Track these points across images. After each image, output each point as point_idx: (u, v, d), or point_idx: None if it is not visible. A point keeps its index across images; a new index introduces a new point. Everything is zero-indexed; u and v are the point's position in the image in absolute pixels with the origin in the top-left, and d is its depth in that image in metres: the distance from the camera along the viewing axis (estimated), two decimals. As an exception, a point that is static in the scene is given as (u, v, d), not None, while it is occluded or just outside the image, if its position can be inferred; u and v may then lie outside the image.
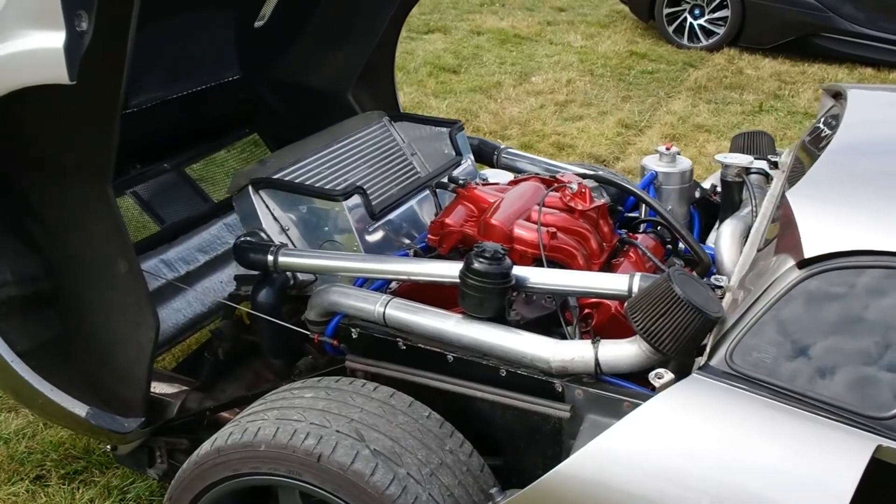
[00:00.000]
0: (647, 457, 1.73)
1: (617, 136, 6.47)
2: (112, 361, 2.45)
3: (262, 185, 2.60)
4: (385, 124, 3.21)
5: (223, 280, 3.26)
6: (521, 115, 6.83)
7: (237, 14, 3.26)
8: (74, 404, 2.27)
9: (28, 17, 1.78)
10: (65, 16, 1.78)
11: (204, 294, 3.14)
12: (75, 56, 1.82)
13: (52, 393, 2.24)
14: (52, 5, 1.76)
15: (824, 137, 2.40)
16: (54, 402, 2.24)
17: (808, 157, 2.46)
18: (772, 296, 1.79)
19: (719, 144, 6.29)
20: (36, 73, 1.84)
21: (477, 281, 2.12)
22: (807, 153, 2.51)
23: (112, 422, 2.32)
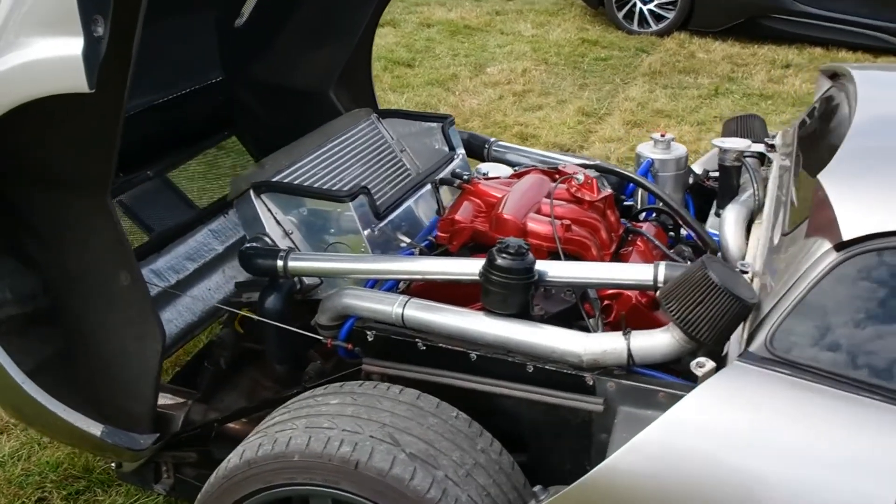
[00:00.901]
0: (698, 447, 1.72)
1: (578, 124, 6.50)
2: (117, 376, 2.37)
3: (263, 189, 2.54)
4: (373, 122, 3.16)
5: (211, 288, 3.18)
6: (480, 107, 6.81)
7: (217, 14, 3.18)
8: (90, 424, 2.19)
9: (42, 23, 1.70)
10: (82, 21, 1.71)
11: (194, 303, 3.07)
12: (94, 63, 1.75)
13: (65, 413, 2.16)
14: (68, 11, 1.68)
15: (833, 118, 2.42)
16: (68, 423, 2.16)
17: (818, 138, 2.48)
18: (809, 279, 1.79)
19: (680, 129, 6.36)
20: (52, 83, 1.77)
21: (501, 277, 2.09)
22: (815, 135, 2.53)
23: (128, 439, 2.24)
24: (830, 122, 2.46)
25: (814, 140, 2.49)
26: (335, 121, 3.12)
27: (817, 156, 2.34)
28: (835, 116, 2.48)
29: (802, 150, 2.53)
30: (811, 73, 7.71)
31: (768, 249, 2.18)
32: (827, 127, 2.46)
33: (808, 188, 2.18)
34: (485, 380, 2.16)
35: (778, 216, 2.29)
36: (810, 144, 2.49)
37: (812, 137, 2.53)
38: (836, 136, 2.20)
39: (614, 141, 6.12)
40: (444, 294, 2.32)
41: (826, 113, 2.62)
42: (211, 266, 3.18)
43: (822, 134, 2.46)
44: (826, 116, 2.58)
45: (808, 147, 2.49)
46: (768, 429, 1.71)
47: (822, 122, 2.56)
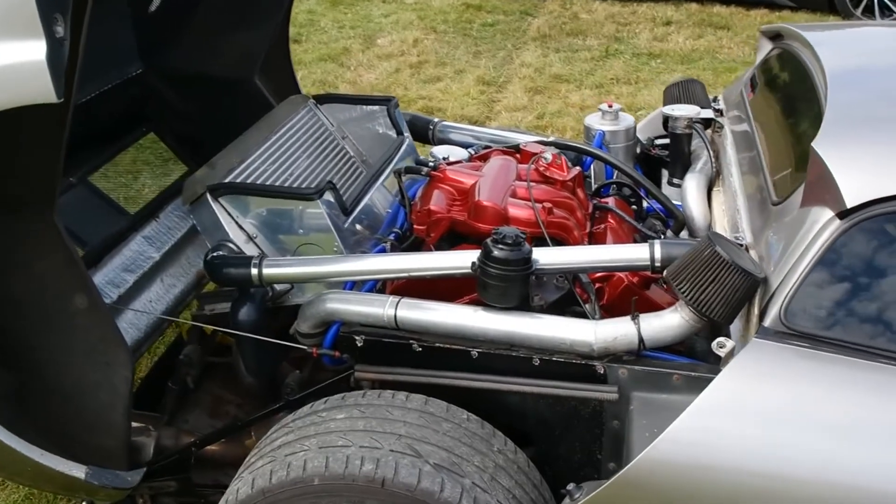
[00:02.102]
0: (736, 429, 1.72)
1: (480, 94, 6.46)
2: (85, 410, 2.19)
3: (221, 192, 2.37)
4: (311, 109, 3.01)
5: (151, 299, 2.98)
6: (379, 81, 6.67)
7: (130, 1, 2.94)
8: (71, 467, 2.01)
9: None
10: (42, 22, 1.52)
11: (138, 318, 2.87)
12: (59, 68, 1.57)
13: (43, 458, 1.97)
14: (24, 9, 1.50)
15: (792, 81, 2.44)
16: (48, 468, 1.98)
17: (783, 102, 2.51)
18: (816, 249, 1.80)
19: (582, 94, 6.41)
20: (13, 94, 1.57)
21: (499, 269, 2.02)
22: (777, 99, 2.56)
23: (115, 478, 2.07)
24: (791, 85, 2.49)
25: (778, 104, 2.52)
26: (275, 110, 2.96)
27: (793, 121, 2.36)
28: (794, 79, 2.51)
29: (765, 114, 2.55)
30: (692, 29, 7.92)
31: (751, 218, 2.19)
32: (789, 90, 2.48)
33: (793, 155, 2.20)
34: (490, 377, 2.09)
35: (752, 184, 2.30)
36: (774, 109, 2.52)
37: (773, 102, 2.56)
38: (808, 100, 2.21)
39: (520, 109, 6.11)
40: (427, 290, 2.24)
41: (780, 75, 2.65)
42: (150, 276, 2.98)
43: (787, 98, 2.49)
44: (782, 79, 2.61)
45: (773, 112, 2.52)
46: (803, 405, 1.73)
47: (780, 85, 2.59)
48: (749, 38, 7.60)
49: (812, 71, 2.35)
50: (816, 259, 1.80)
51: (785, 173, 2.15)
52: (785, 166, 2.19)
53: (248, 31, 3.15)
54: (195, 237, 3.19)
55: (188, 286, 3.06)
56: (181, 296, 3.02)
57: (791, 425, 1.72)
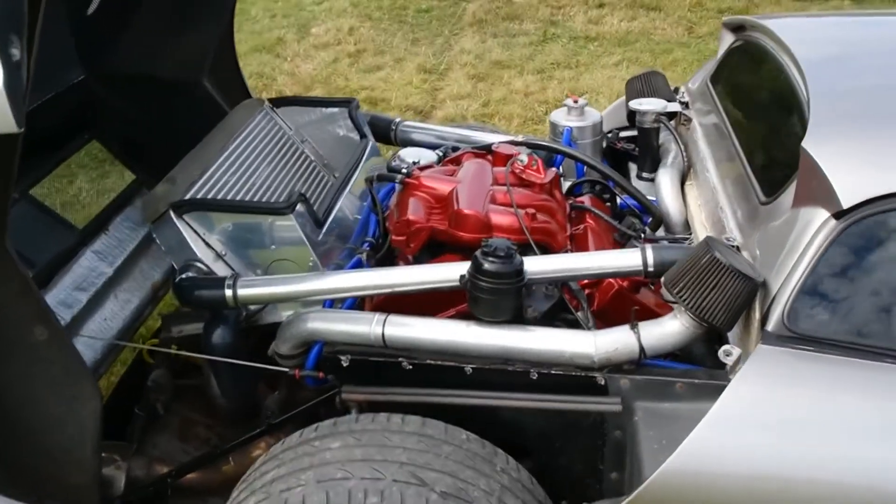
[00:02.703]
0: (754, 437, 1.71)
1: (423, 83, 6.35)
2: (49, 447, 2.06)
3: (186, 209, 2.24)
4: (268, 113, 2.88)
5: (106, 317, 2.84)
6: (318, 72, 6.51)
7: (69, 3, 2.77)
8: None
9: None
10: None
11: (93, 339, 2.72)
12: (18, 95, 1.44)
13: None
14: None
15: (762, 74, 2.41)
16: None
17: (757, 96, 2.48)
18: (813, 251, 1.78)
19: (524, 80, 6.35)
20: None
21: (490, 283, 1.95)
22: (749, 92, 2.53)
23: None
24: (762, 77, 2.46)
25: (750, 98, 2.49)
26: (230, 116, 2.82)
27: (770, 116, 2.34)
28: (764, 71, 2.48)
29: (737, 108, 2.52)
30: (625, 11, 7.91)
31: (737, 218, 2.15)
32: (760, 83, 2.46)
33: (776, 152, 2.17)
34: (486, 394, 2.02)
35: (734, 181, 2.25)
36: (747, 103, 2.49)
37: (745, 95, 2.53)
38: (784, 94, 2.18)
39: (464, 98, 6.03)
40: (410, 304, 2.15)
41: (748, 68, 2.62)
42: (103, 293, 2.83)
43: (759, 91, 2.46)
44: (750, 72, 2.58)
45: (745, 105, 2.49)
46: (816, 409, 1.71)
47: (749, 78, 2.56)
48: (680, 19, 7.63)
49: (784, 63, 2.33)
50: (815, 261, 1.77)
51: (770, 171, 2.12)
52: (769, 164, 2.16)
53: (194, 30, 3.00)
54: (148, 248, 3.05)
55: (144, 300, 2.92)
56: (137, 311, 2.88)
57: (807, 430, 1.71)
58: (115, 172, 3.29)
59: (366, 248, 2.44)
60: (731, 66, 2.74)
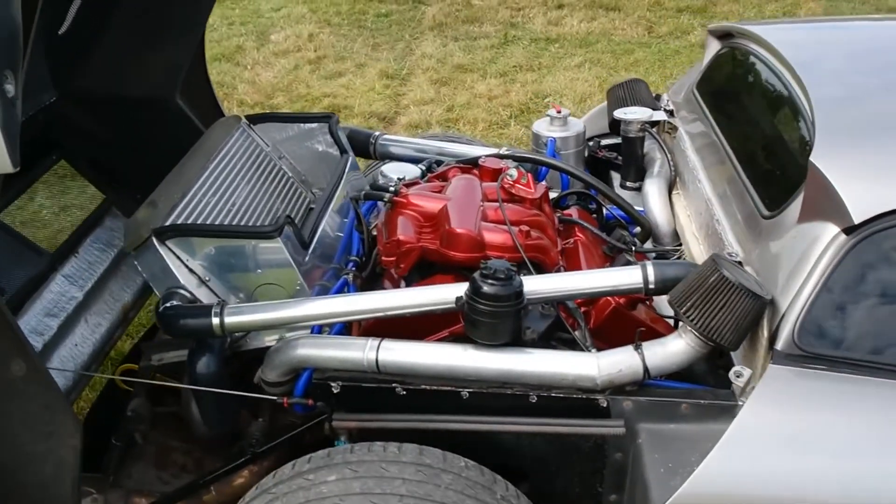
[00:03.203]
0: (771, 460, 1.69)
1: (385, 88, 6.29)
2: (26, 485, 1.97)
3: (169, 235, 2.15)
4: (245, 130, 2.80)
5: (77, 343, 2.75)
6: (278, 80, 6.41)
7: (40, 22, 2.66)
8: None
9: None
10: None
11: (64, 364, 2.63)
12: (14, 133, 1.37)
13: None
14: None
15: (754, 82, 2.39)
16: None
17: (740, 104, 2.46)
18: (824, 268, 1.76)
19: (487, 83, 6.32)
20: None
21: (489, 306, 1.90)
22: (731, 99, 2.51)
23: None
24: (755, 86, 2.45)
25: (742, 107, 2.47)
26: (208, 135, 2.73)
27: (767, 126, 2.31)
28: (757, 80, 2.46)
29: (729, 117, 2.50)
30: (584, 11, 7.93)
31: (737, 231, 2.13)
32: (753, 92, 2.44)
33: (778, 164, 2.15)
34: (485, 419, 1.97)
35: (730, 193, 2.23)
36: (739, 112, 2.47)
37: (736, 104, 2.51)
38: (781, 104, 2.16)
39: (428, 103, 5.98)
40: (400, 326, 2.09)
41: (738, 76, 2.61)
42: (74, 318, 2.74)
43: (753, 100, 2.44)
44: (741, 80, 2.57)
45: (738, 115, 2.47)
46: (831, 429, 1.70)
47: (741, 86, 2.54)
48: (640, 19, 7.68)
49: (779, 72, 2.31)
50: (825, 278, 1.75)
51: (771, 184, 2.10)
52: (769, 176, 2.14)
53: (167, 47, 2.91)
54: (117, 270, 2.97)
55: (114, 323, 2.84)
56: (107, 335, 2.80)
57: (824, 450, 1.70)
58: (82, 192, 3.18)
59: (351, 268, 2.39)
60: (719, 74, 2.73)
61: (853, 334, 1.76)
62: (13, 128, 1.33)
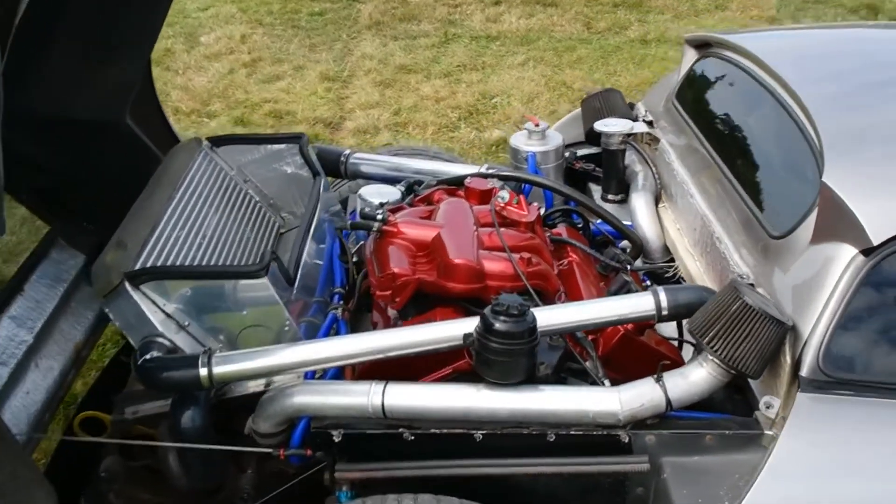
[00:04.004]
0: (813, 491, 1.68)
1: (327, 92, 6.11)
2: None
3: (143, 279, 1.99)
4: (208, 154, 2.64)
5: (29, 391, 2.54)
6: (213, 85, 6.17)
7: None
8: None
9: None
10: None
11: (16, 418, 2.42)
12: None
13: None
14: None
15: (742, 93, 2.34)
16: None
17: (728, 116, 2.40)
18: (844, 290, 1.71)
19: (432, 84, 6.20)
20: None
21: (503, 344, 1.79)
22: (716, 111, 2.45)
23: None
24: (742, 98, 2.39)
25: (730, 119, 2.41)
26: (170, 161, 2.56)
27: (763, 140, 2.26)
28: (742, 92, 2.40)
29: (717, 130, 2.43)
30: (522, 8, 7.86)
31: (742, 252, 2.06)
32: (741, 104, 2.38)
33: (782, 182, 2.10)
34: (500, 462, 1.87)
35: (729, 211, 2.15)
36: (728, 125, 2.41)
37: (724, 116, 2.45)
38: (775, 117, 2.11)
39: (374, 107, 5.82)
40: (399, 366, 1.97)
41: (722, 87, 2.55)
42: (23, 364, 2.52)
43: (742, 113, 2.39)
44: (726, 91, 2.51)
45: (728, 128, 2.41)
46: (869, 454, 1.67)
47: (725, 98, 2.49)
48: (578, 15, 7.64)
49: (767, 83, 2.26)
50: (846, 301, 1.71)
51: (777, 203, 2.04)
52: (774, 194, 2.08)
53: (116, 65, 2.70)
54: (67, 306, 2.75)
55: (66, 365, 2.63)
56: (60, 378, 2.59)
57: (863, 475, 1.67)
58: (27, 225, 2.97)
59: (337, 301, 2.26)
60: (699, 84, 2.67)
61: (877, 357, 1.72)
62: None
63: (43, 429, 2.50)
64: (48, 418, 2.46)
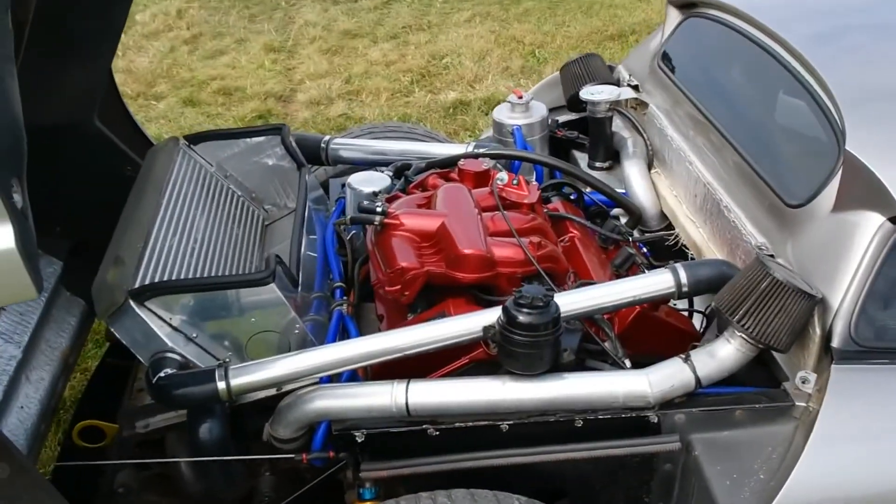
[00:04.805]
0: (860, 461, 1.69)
1: (274, 64, 5.96)
2: None
3: (147, 295, 1.92)
4: (186, 153, 2.54)
5: (23, 405, 2.47)
6: (156, 65, 5.97)
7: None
8: None
9: None
10: (2, 196, 1.10)
11: (14, 436, 2.35)
12: (32, 252, 1.15)
13: None
14: None
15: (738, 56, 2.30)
16: None
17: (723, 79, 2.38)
18: (872, 259, 1.71)
19: (381, 48, 6.09)
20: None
21: (528, 336, 1.76)
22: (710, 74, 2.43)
23: None
24: (738, 61, 2.36)
25: (730, 85, 2.39)
26: (152, 165, 2.46)
27: (767, 105, 2.24)
28: (737, 54, 2.37)
29: (713, 94, 2.41)
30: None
31: (757, 221, 2.05)
32: (739, 68, 2.36)
33: (795, 148, 2.09)
34: (527, 450, 1.85)
35: (737, 179, 2.14)
36: (725, 88, 2.39)
37: (721, 80, 2.43)
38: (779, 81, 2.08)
39: (323, 76, 5.70)
40: (414, 361, 1.94)
41: (713, 50, 2.52)
42: (16, 379, 2.45)
43: (741, 77, 2.36)
44: (718, 54, 2.48)
45: (725, 91, 2.38)
46: None
47: (719, 61, 2.45)
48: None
49: (766, 44, 2.22)
50: (876, 270, 1.71)
51: (792, 171, 2.03)
52: (786, 161, 2.07)
53: (81, 66, 2.59)
54: (49, 315, 2.68)
55: (55, 374, 2.57)
56: (51, 388, 2.53)
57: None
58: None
59: (339, 297, 2.21)
60: (686, 46, 2.62)
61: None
62: (31, 247, 1.11)
63: (41, 441, 2.44)
64: (44, 430, 2.41)
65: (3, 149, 1.18)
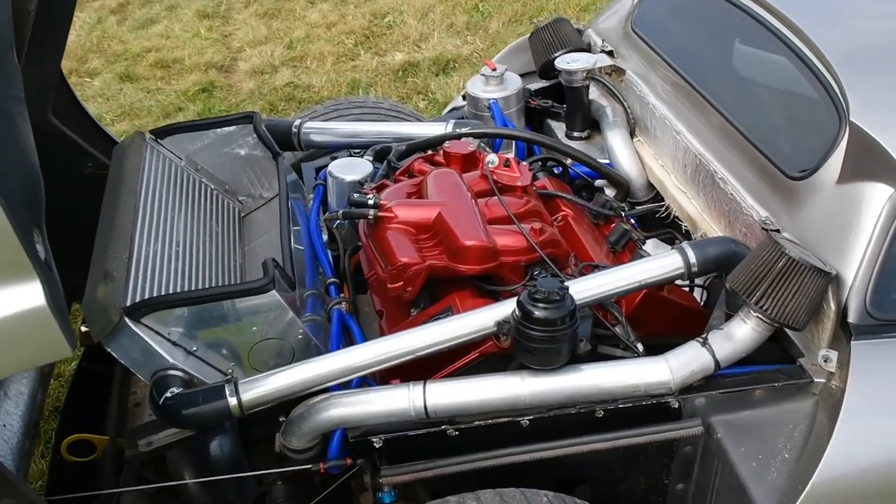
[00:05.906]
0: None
1: (209, 31, 5.74)
2: None
3: (143, 312, 1.83)
4: (154, 148, 2.42)
5: (4, 423, 2.37)
6: (84, 39, 5.70)
7: None
8: None
9: None
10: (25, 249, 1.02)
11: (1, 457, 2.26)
12: (62, 306, 1.07)
13: None
14: None
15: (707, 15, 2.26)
16: None
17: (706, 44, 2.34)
18: (883, 230, 1.71)
19: (320, 9, 5.92)
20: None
21: (545, 332, 1.73)
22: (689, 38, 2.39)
23: None
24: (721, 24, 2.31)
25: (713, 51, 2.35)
26: (121, 164, 2.33)
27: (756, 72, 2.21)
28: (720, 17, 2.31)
29: (696, 59, 2.37)
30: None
31: (757, 194, 2.03)
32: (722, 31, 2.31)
33: (790, 117, 2.06)
34: (548, 444, 1.84)
35: (730, 149, 2.11)
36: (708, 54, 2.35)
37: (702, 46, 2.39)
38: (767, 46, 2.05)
39: (264, 43, 5.51)
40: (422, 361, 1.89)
41: (695, 12, 2.47)
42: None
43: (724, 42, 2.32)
44: (701, 17, 2.42)
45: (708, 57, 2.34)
46: None
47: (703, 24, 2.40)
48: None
49: (748, 7, 2.18)
50: (888, 243, 1.71)
51: (790, 140, 2.01)
52: (783, 130, 2.05)
53: (32, 62, 2.43)
54: (20, 325, 2.56)
55: (34, 387, 2.47)
56: (31, 401, 2.43)
57: None
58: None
59: (335, 294, 2.15)
60: (662, 9, 2.57)
61: None
62: (60, 301, 1.03)
63: (28, 459, 2.35)
64: (29, 446, 2.31)
65: (22, 197, 1.09)
